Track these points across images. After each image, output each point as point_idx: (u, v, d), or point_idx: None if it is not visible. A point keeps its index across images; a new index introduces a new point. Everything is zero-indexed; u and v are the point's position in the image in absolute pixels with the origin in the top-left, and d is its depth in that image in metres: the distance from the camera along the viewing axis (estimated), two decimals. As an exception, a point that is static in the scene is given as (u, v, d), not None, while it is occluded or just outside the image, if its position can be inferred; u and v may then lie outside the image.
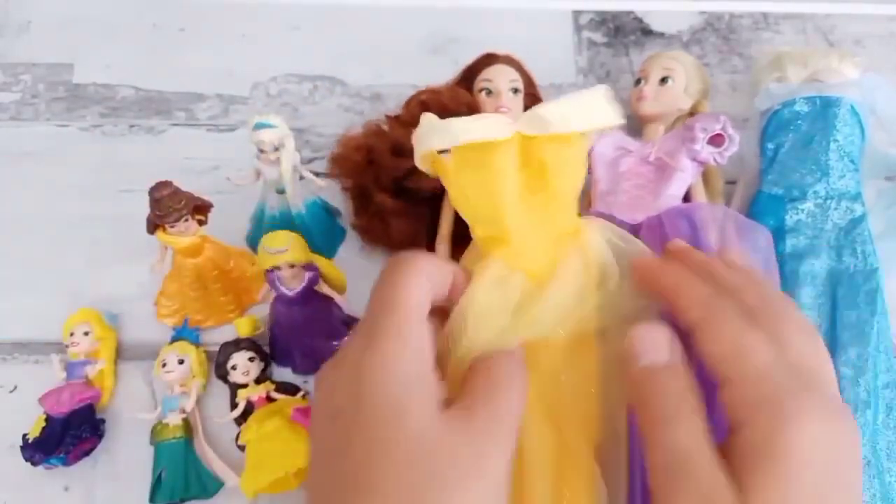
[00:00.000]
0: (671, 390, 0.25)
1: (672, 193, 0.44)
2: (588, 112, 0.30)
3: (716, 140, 0.43)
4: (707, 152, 0.43)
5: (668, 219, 0.42)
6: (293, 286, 0.43)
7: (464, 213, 0.30)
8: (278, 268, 0.42)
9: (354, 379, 0.23)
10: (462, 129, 0.28)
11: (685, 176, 0.44)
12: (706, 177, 0.47)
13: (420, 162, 0.30)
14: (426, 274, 0.26)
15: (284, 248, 0.41)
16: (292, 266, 0.42)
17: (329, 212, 0.49)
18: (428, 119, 0.29)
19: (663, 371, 0.25)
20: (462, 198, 0.30)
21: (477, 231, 0.30)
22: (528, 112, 0.29)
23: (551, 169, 0.29)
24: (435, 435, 0.22)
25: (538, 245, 0.30)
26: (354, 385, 0.23)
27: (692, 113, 0.49)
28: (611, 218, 0.44)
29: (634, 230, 0.43)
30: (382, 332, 0.24)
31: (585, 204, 0.47)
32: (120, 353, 0.47)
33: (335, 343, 0.45)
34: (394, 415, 0.22)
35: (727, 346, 0.25)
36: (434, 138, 0.29)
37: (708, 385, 0.26)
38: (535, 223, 0.30)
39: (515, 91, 0.49)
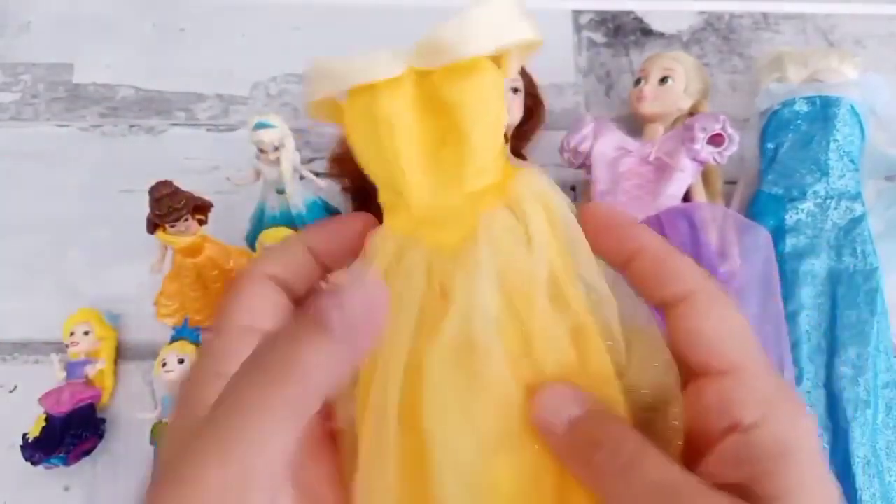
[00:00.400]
0: (610, 436, 0.20)
1: (672, 193, 0.44)
2: (494, 27, 0.23)
3: (715, 140, 0.43)
4: (707, 152, 0.44)
5: (667, 218, 0.42)
6: (293, 286, 0.43)
7: (370, 176, 0.25)
8: (278, 267, 0.42)
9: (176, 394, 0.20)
10: (347, 71, 0.22)
11: (685, 176, 0.44)
12: (706, 177, 0.47)
13: (315, 113, 0.25)
14: (261, 285, 0.22)
15: (283, 246, 0.41)
16: (292, 265, 0.42)
17: (329, 212, 0.49)
18: (316, 62, 0.23)
19: (587, 422, 0.20)
20: (361, 155, 0.24)
21: (381, 197, 0.25)
22: (421, 39, 0.23)
23: (458, 109, 0.23)
24: None
25: (451, 210, 0.23)
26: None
27: (692, 113, 0.49)
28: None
29: (634, 230, 0.43)
30: (197, 354, 0.21)
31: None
32: (120, 353, 0.47)
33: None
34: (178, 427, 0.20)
35: (737, 328, 0.21)
36: (320, 84, 0.23)
37: None
38: (446, 182, 0.23)
39: (515, 91, 0.49)
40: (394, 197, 0.24)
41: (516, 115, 0.49)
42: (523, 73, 0.50)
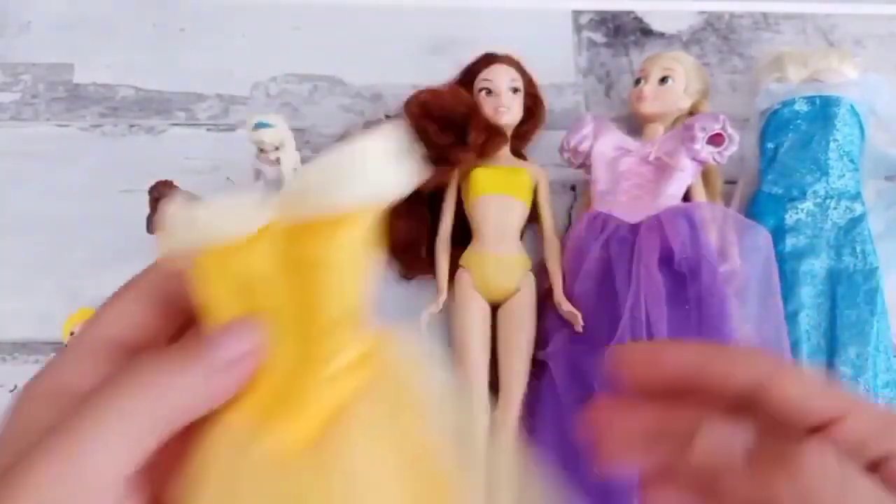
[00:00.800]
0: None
1: (671, 193, 0.44)
2: (366, 173, 0.19)
3: (715, 139, 0.43)
4: (707, 152, 0.44)
5: (667, 218, 0.42)
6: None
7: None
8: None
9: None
10: (207, 224, 0.19)
11: (684, 175, 0.44)
12: (706, 177, 0.47)
13: (170, 263, 0.21)
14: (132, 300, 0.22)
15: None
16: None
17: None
18: (172, 210, 0.20)
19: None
20: (210, 318, 0.20)
21: None
22: (287, 186, 0.20)
23: (319, 272, 0.19)
24: None
25: (306, 391, 0.19)
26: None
27: (692, 113, 0.49)
28: (610, 217, 0.44)
29: (634, 230, 0.43)
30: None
31: (585, 203, 0.47)
32: (120, 353, 0.46)
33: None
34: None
35: (816, 386, 0.19)
36: (177, 235, 0.20)
37: None
38: (302, 358, 0.20)
39: (515, 90, 0.49)
40: None
41: (516, 114, 0.49)
42: (522, 73, 0.50)
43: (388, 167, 0.19)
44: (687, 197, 0.45)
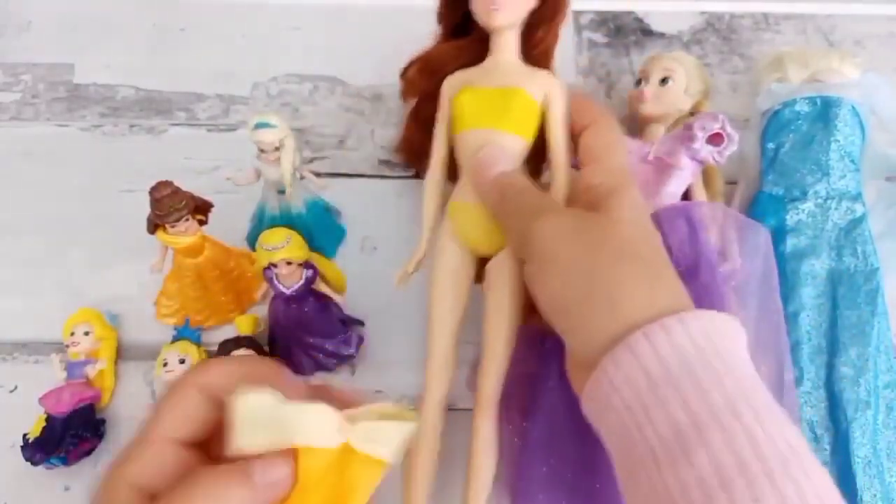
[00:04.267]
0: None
1: (671, 191, 0.44)
2: (403, 448, 0.26)
3: (715, 139, 0.43)
4: (706, 151, 0.43)
5: (666, 217, 0.42)
6: (290, 284, 0.42)
7: None
8: (275, 265, 0.42)
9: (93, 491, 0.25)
10: (287, 426, 0.24)
11: (684, 174, 0.44)
12: (706, 177, 0.47)
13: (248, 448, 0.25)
14: (192, 396, 0.26)
15: (281, 244, 0.41)
16: (289, 263, 0.42)
17: (329, 212, 0.49)
18: (250, 401, 0.24)
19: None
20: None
21: None
22: (369, 428, 0.26)
23: (355, 492, 0.26)
24: None
25: None
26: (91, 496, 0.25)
27: (692, 114, 0.49)
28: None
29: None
30: (118, 455, 0.26)
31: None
32: (120, 353, 0.46)
33: (334, 342, 0.45)
34: None
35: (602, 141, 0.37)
36: (251, 433, 0.24)
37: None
38: None
39: None
40: None
41: (515, 9, 0.39)
42: None
43: (399, 439, 0.26)
44: (687, 197, 0.45)
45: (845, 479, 0.39)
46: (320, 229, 0.48)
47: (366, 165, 0.53)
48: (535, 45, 0.41)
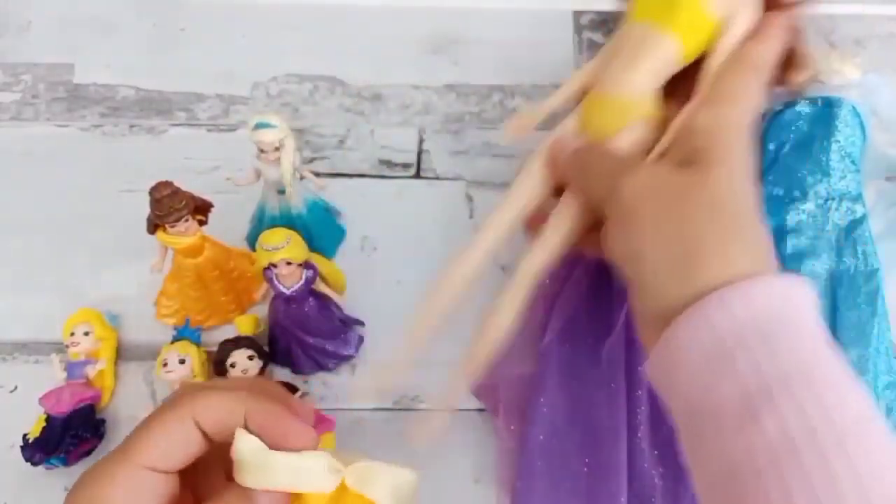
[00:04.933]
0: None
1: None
2: (404, 498, 0.27)
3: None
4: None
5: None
6: (291, 284, 0.42)
7: None
8: (275, 265, 0.42)
9: None
10: (282, 471, 0.25)
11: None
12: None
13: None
14: (186, 430, 0.25)
15: (281, 244, 0.41)
16: (289, 263, 0.42)
17: (329, 212, 0.49)
18: (245, 444, 0.25)
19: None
20: None
21: None
22: (363, 467, 0.27)
23: None
24: None
25: None
26: None
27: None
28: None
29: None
30: (99, 472, 0.25)
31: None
32: (120, 353, 0.46)
33: (334, 343, 0.45)
34: None
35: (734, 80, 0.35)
36: (250, 474, 0.25)
37: None
38: None
39: None
40: None
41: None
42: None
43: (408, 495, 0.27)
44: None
45: (845, 479, 0.39)
46: (320, 229, 0.48)
47: (366, 165, 0.53)
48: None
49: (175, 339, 0.45)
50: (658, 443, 0.40)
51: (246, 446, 0.25)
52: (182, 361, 0.43)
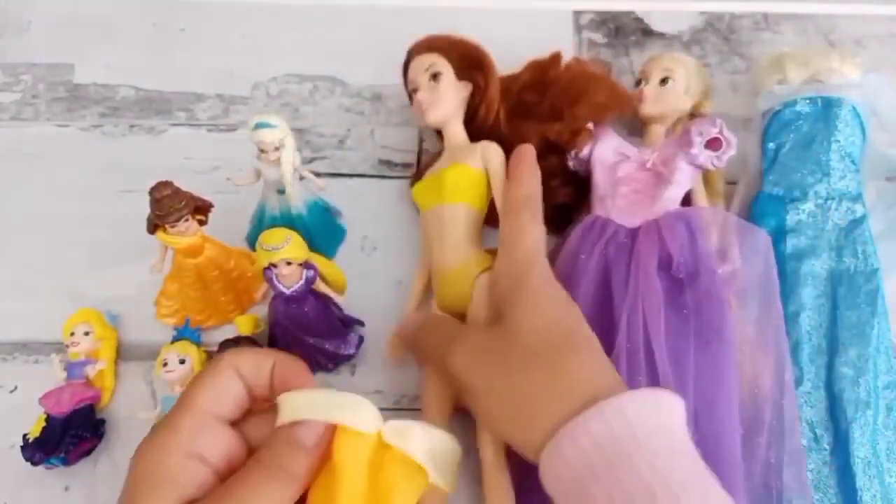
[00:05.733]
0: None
1: (671, 197, 0.44)
2: (445, 463, 0.29)
3: (713, 144, 0.43)
4: (705, 157, 0.43)
5: (665, 223, 0.42)
6: (290, 284, 0.42)
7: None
8: (275, 265, 0.42)
9: (133, 460, 0.28)
10: (327, 406, 0.27)
11: (683, 180, 0.44)
12: (707, 178, 0.47)
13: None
14: (229, 376, 0.30)
15: (281, 245, 0.41)
16: (289, 263, 0.42)
17: (329, 212, 0.49)
18: (289, 393, 0.28)
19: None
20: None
21: None
22: (400, 423, 0.28)
23: (392, 494, 0.27)
24: None
25: None
26: (132, 464, 0.28)
27: (693, 114, 0.49)
28: (608, 221, 0.44)
29: (632, 234, 0.43)
30: (162, 425, 0.29)
31: (585, 208, 0.47)
32: (120, 353, 0.46)
33: (334, 343, 0.45)
34: (143, 497, 0.27)
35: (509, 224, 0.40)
36: (301, 409, 0.28)
37: None
38: None
39: (435, 76, 0.46)
40: None
41: (446, 102, 0.45)
42: (446, 51, 0.46)
43: (451, 469, 0.30)
44: (688, 201, 0.45)
45: (845, 479, 0.39)
46: (320, 229, 0.48)
47: (366, 165, 0.53)
48: (483, 122, 0.46)
49: (175, 339, 0.45)
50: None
51: (290, 393, 0.28)
52: (182, 361, 0.43)
